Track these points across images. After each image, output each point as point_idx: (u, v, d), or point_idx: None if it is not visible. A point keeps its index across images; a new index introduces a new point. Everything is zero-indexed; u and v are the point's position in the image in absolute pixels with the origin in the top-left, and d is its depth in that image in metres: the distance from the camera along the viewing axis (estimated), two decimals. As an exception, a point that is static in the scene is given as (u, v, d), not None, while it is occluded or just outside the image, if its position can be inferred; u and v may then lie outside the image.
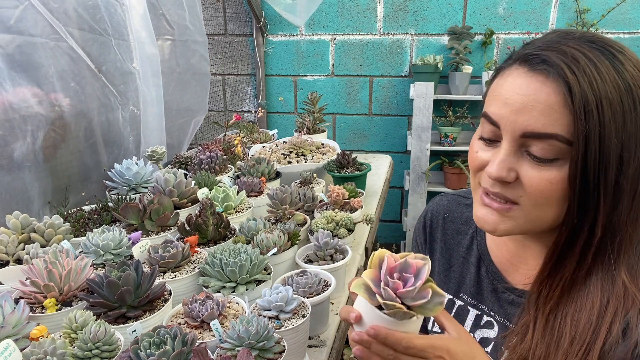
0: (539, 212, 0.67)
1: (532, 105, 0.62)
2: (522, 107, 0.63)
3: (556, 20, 2.80)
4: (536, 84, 0.63)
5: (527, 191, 0.65)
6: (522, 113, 0.63)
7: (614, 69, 0.61)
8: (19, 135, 1.44)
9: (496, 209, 0.70)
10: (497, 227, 0.71)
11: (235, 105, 3.33)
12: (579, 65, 0.61)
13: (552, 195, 0.64)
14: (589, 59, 0.61)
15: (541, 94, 0.62)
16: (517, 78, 0.65)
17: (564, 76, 0.61)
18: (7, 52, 1.39)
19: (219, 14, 3.03)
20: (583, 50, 0.62)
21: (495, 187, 0.68)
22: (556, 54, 0.63)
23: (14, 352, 0.76)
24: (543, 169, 0.64)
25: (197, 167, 1.78)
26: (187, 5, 2.22)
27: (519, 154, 0.66)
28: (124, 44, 1.82)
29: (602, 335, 0.64)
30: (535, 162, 0.64)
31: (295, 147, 2.06)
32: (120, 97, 1.84)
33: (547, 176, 0.63)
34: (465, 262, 0.90)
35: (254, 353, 0.80)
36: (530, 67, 0.64)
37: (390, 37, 3.04)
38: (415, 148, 2.88)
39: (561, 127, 0.61)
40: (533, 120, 0.62)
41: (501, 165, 0.66)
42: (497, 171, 0.66)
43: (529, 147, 0.64)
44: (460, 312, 0.89)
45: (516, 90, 0.64)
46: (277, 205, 1.47)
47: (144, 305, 0.98)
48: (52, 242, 1.25)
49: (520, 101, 0.63)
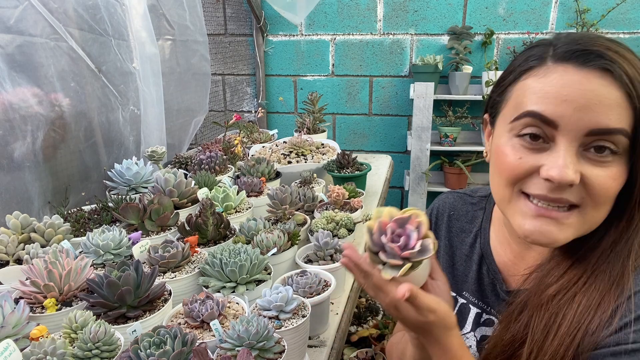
0: (596, 212, 0.65)
1: (598, 100, 0.60)
2: (587, 103, 0.60)
3: (556, 20, 2.80)
4: (597, 79, 0.61)
5: (591, 192, 0.63)
6: (588, 109, 0.60)
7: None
8: (19, 135, 1.44)
9: (555, 217, 0.64)
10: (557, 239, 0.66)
11: (235, 105, 3.33)
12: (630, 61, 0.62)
13: (613, 193, 0.63)
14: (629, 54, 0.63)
15: (604, 89, 0.60)
16: (569, 75, 0.62)
17: (625, 70, 0.60)
18: (7, 52, 1.39)
19: (219, 14, 3.03)
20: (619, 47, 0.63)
21: (555, 192, 0.63)
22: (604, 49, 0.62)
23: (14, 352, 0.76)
24: (605, 166, 0.62)
25: (197, 167, 1.78)
26: (187, 5, 2.22)
27: (579, 155, 0.63)
28: (124, 44, 1.82)
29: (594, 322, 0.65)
30: (598, 160, 0.62)
31: (295, 147, 2.06)
32: (120, 97, 1.84)
33: (611, 174, 0.62)
34: (468, 260, 0.90)
35: (254, 353, 0.80)
36: (581, 62, 0.62)
37: (390, 37, 3.04)
38: (415, 148, 2.88)
39: (626, 122, 0.61)
40: (602, 117, 0.60)
41: (570, 167, 0.61)
42: (564, 174, 0.61)
43: (592, 145, 0.62)
44: (462, 310, 0.89)
45: (576, 84, 0.61)
46: (277, 205, 1.47)
47: (144, 305, 0.98)
48: (52, 242, 1.25)
49: (585, 97, 0.60)
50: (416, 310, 0.64)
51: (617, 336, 0.63)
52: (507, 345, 0.73)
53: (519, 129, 0.66)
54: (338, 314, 1.21)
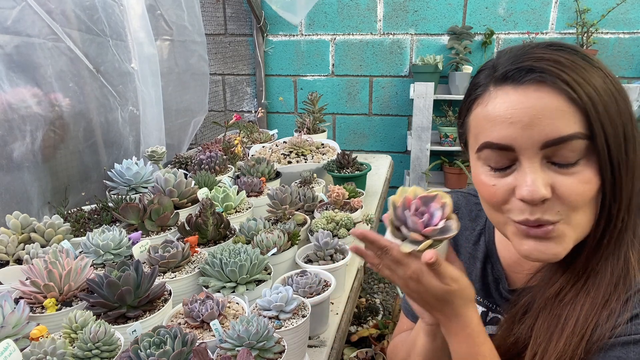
0: (581, 216, 0.65)
1: (541, 114, 0.61)
2: (531, 119, 0.61)
3: (556, 20, 2.80)
4: (534, 94, 0.61)
5: (565, 202, 0.63)
6: (533, 125, 0.61)
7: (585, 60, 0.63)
8: (18, 136, 1.44)
9: (543, 234, 0.65)
10: (558, 253, 0.66)
11: (235, 105, 3.33)
12: (563, 64, 0.62)
13: (588, 196, 0.63)
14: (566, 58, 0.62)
15: (542, 100, 0.61)
16: (507, 96, 0.63)
17: (559, 76, 0.61)
18: (4, 52, 1.39)
19: (219, 14, 3.03)
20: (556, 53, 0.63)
21: (535, 213, 0.64)
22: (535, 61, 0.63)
23: (14, 352, 0.76)
24: (572, 174, 0.62)
25: (197, 167, 1.78)
26: (185, 6, 2.22)
27: (544, 167, 0.63)
28: (122, 44, 1.82)
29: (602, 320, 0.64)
30: (562, 170, 0.62)
31: (295, 147, 2.06)
32: (119, 98, 1.84)
33: (581, 178, 0.62)
34: (472, 258, 0.90)
35: (254, 353, 0.80)
36: (515, 82, 0.63)
37: (390, 37, 3.04)
38: (415, 148, 2.88)
39: (576, 125, 0.60)
40: (550, 128, 0.60)
41: (537, 183, 0.62)
42: (534, 192, 0.62)
43: (550, 157, 0.62)
44: None
45: (516, 106, 0.62)
46: (277, 205, 1.47)
47: (144, 305, 0.98)
48: (52, 242, 1.25)
49: (527, 114, 0.61)
50: (439, 279, 0.66)
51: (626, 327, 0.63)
52: (510, 347, 0.73)
53: (484, 160, 0.68)
54: (338, 314, 1.21)
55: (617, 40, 2.77)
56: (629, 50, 2.78)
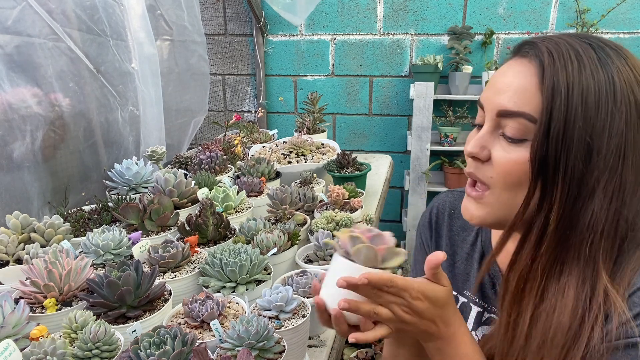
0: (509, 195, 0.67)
1: (509, 85, 0.65)
2: (501, 87, 0.67)
3: (556, 20, 2.80)
4: (518, 67, 0.66)
5: (495, 171, 0.67)
6: (499, 93, 0.66)
7: (599, 60, 0.62)
8: (18, 136, 1.44)
9: (473, 196, 0.72)
10: (473, 214, 0.72)
11: (235, 105, 3.33)
12: (559, 49, 0.63)
13: (520, 177, 0.65)
14: (572, 47, 0.63)
15: (519, 75, 0.65)
16: (506, 65, 0.69)
17: (541, 57, 0.63)
18: (5, 52, 1.39)
19: (219, 14, 3.03)
20: (571, 41, 0.64)
21: (470, 166, 0.71)
22: (543, 41, 0.66)
23: (14, 352, 0.76)
24: (512, 149, 0.65)
25: (197, 167, 1.78)
26: (185, 6, 2.22)
27: (495, 135, 0.68)
28: (123, 44, 1.82)
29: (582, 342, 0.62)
30: (507, 142, 0.66)
31: (295, 147, 2.06)
32: (119, 98, 1.84)
33: (515, 157, 0.65)
34: (469, 258, 0.90)
35: (254, 353, 0.80)
36: (519, 54, 0.68)
37: (390, 37, 3.04)
38: (415, 148, 2.87)
39: (530, 107, 0.63)
40: (507, 100, 0.65)
41: (476, 142, 0.69)
42: (471, 147, 0.69)
43: (503, 127, 0.67)
44: (463, 309, 0.89)
45: (502, 73, 0.68)
46: (277, 205, 1.47)
47: (144, 305, 0.98)
48: (52, 242, 1.25)
49: (502, 83, 0.67)
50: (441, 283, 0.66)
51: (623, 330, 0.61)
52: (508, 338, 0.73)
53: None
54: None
55: (617, 40, 2.77)
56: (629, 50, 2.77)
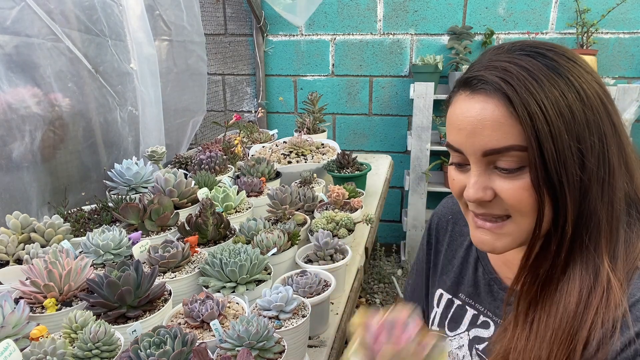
0: (528, 219, 0.66)
1: (482, 125, 0.64)
2: (474, 129, 0.65)
3: (556, 20, 2.80)
4: (479, 104, 0.64)
5: (508, 203, 0.66)
6: (475, 135, 0.65)
7: (547, 67, 0.63)
8: (17, 136, 1.44)
9: (489, 229, 0.70)
10: (495, 246, 0.71)
11: (235, 105, 3.33)
12: (512, 74, 0.62)
13: (532, 201, 0.64)
14: (520, 67, 0.63)
15: (486, 111, 0.63)
16: (462, 103, 0.67)
17: (501, 89, 0.62)
18: (4, 52, 1.39)
19: (218, 14, 3.03)
20: (514, 60, 0.63)
21: (479, 208, 0.69)
22: (489, 70, 0.64)
23: (14, 352, 0.76)
24: (514, 178, 0.64)
25: (197, 167, 1.78)
26: (184, 6, 2.22)
27: (490, 171, 0.67)
28: (121, 44, 1.82)
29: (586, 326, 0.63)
30: (505, 174, 0.65)
31: (295, 147, 2.06)
32: (118, 98, 1.84)
33: (520, 184, 0.64)
34: (464, 262, 0.91)
35: (254, 353, 0.80)
36: (470, 90, 0.66)
37: (390, 37, 3.04)
38: (415, 148, 2.87)
39: (514, 137, 0.62)
40: (487, 139, 0.64)
41: (475, 186, 0.67)
42: (473, 193, 0.67)
43: (495, 162, 0.65)
44: (459, 311, 0.89)
45: (464, 114, 0.66)
46: (277, 205, 1.47)
47: (144, 305, 0.98)
48: (52, 242, 1.25)
49: (470, 124, 0.65)
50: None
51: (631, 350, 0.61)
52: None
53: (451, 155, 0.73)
54: (338, 314, 1.21)
55: (617, 40, 2.77)
56: (629, 50, 2.78)
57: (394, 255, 3.35)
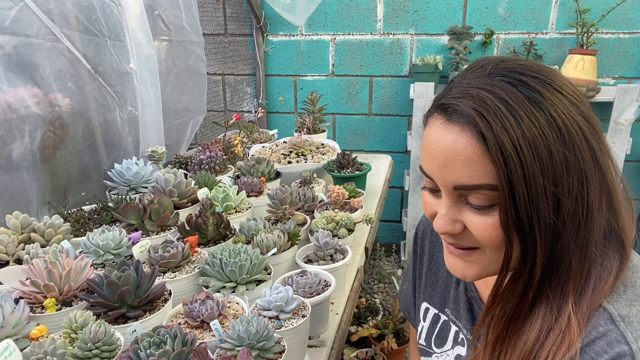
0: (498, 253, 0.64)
1: (454, 159, 0.60)
2: (446, 161, 0.61)
3: (556, 20, 2.80)
4: (452, 136, 0.60)
5: (477, 237, 0.63)
6: (447, 168, 0.61)
7: (529, 100, 0.58)
8: (16, 136, 1.44)
9: (459, 255, 0.68)
10: (466, 273, 0.69)
11: (235, 105, 3.33)
12: (488, 107, 0.57)
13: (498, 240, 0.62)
14: (499, 98, 0.58)
15: (459, 145, 0.59)
16: (436, 130, 0.63)
17: (475, 124, 0.58)
18: (3, 52, 1.40)
19: (218, 14, 3.03)
20: (493, 90, 0.59)
21: (449, 238, 0.68)
22: (466, 100, 0.60)
23: (14, 352, 0.76)
24: (485, 215, 0.62)
25: (197, 167, 1.78)
26: (183, 6, 2.22)
27: (461, 204, 0.64)
28: (121, 44, 1.82)
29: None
30: (476, 210, 0.62)
31: (295, 147, 2.06)
32: (117, 98, 1.84)
33: (490, 222, 0.61)
34: (449, 277, 0.91)
35: (254, 353, 0.80)
36: (446, 117, 0.62)
37: (390, 37, 3.04)
38: (415, 148, 2.87)
39: (486, 176, 0.59)
40: (459, 174, 0.60)
41: (445, 218, 0.64)
42: (442, 226, 0.65)
43: (467, 196, 0.63)
44: (444, 327, 0.90)
45: (437, 143, 0.62)
46: (277, 205, 1.47)
47: (144, 305, 0.98)
48: (52, 242, 1.25)
49: (442, 155, 0.62)
50: None
51: None
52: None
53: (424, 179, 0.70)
54: (338, 314, 1.21)
55: (617, 40, 2.77)
56: (629, 50, 2.78)
57: (394, 255, 3.35)
